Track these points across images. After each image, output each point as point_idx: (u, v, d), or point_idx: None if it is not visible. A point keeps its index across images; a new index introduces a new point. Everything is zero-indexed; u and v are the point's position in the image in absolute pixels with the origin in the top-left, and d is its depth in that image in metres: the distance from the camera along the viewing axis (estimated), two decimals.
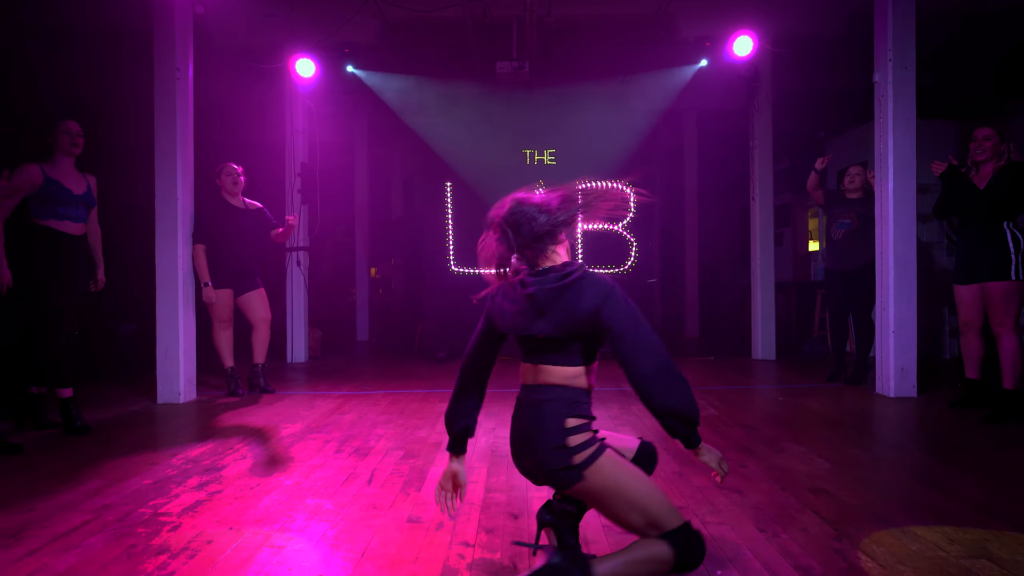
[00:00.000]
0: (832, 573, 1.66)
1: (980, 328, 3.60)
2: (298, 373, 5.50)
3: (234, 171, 4.38)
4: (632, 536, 1.42)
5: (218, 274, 4.29)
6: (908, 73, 3.96)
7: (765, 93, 6.19)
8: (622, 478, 1.41)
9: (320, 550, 1.84)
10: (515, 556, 1.79)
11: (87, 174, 3.40)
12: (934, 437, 3.13)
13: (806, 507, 2.15)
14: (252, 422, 3.53)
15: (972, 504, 2.18)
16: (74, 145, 3.28)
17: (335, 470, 2.62)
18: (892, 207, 3.99)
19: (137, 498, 2.28)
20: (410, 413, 3.74)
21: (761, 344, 6.17)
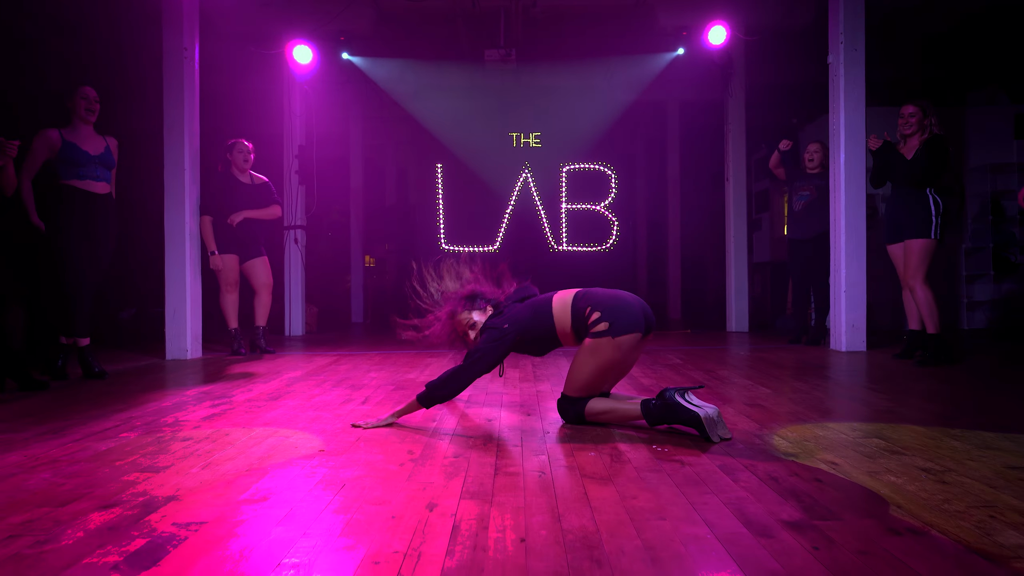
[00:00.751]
0: (749, 450, 2.00)
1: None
2: (296, 343, 5.82)
3: (246, 148, 4.70)
4: None
5: (225, 242, 4.61)
6: (858, 54, 4.32)
7: (739, 80, 6.54)
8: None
9: (322, 437, 2.17)
10: (488, 434, 2.13)
11: (107, 136, 3.70)
12: (869, 375, 3.49)
13: (740, 414, 2.50)
14: (256, 370, 3.85)
15: (880, 410, 2.54)
16: (90, 111, 3.59)
17: (333, 396, 2.95)
18: (844, 177, 4.36)
19: (159, 413, 2.61)
20: (401, 364, 4.08)
21: (735, 317, 6.52)
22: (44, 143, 3.48)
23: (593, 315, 2.21)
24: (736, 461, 1.85)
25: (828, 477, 1.69)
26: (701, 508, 1.47)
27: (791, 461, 1.85)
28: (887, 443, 2.03)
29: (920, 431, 2.19)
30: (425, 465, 1.84)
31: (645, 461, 1.86)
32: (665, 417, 2.15)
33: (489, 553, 1.24)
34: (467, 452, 1.97)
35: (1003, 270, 6.75)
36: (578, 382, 2.25)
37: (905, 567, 1.17)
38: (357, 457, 1.92)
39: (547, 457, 1.91)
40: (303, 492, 1.60)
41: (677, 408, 2.11)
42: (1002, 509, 1.45)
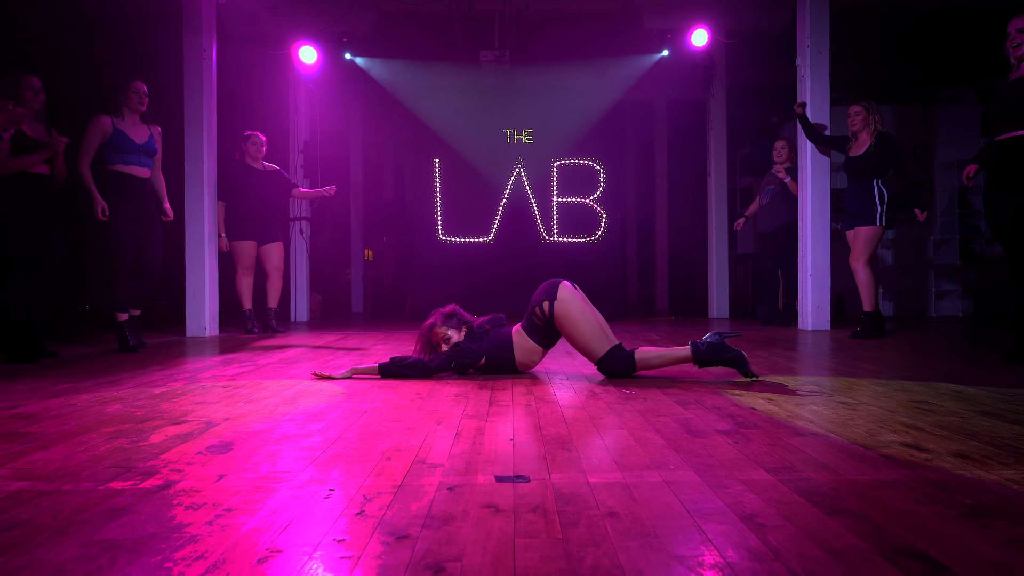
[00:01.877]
0: (704, 394, 2.38)
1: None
2: (302, 326, 6.18)
3: (260, 140, 5.06)
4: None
5: (243, 227, 4.98)
6: (823, 57, 4.71)
7: (720, 81, 6.93)
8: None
9: (342, 385, 2.54)
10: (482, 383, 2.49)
11: (152, 124, 4.04)
12: (826, 346, 3.88)
13: (705, 371, 2.88)
14: (271, 344, 4.21)
15: (824, 368, 2.93)
16: (140, 103, 3.93)
17: (346, 360, 3.32)
18: (810, 170, 4.75)
19: (197, 371, 2.97)
20: (404, 340, 4.45)
21: (716, 304, 6.92)
22: (98, 129, 3.79)
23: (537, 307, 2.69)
24: (691, 397, 2.23)
25: (762, 407, 2.07)
26: (654, 422, 1.85)
27: (736, 398, 2.23)
28: (820, 389, 2.42)
29: (852, 381, 2.58)
30: (431, 400, 2.21)
31: (615, 398, 2.23)
32: (711, 356, 2.54)
33: (485, 446, 1.61)
34: (466, 392, 2.34)
35: (969, 261, 7.17)
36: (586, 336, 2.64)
37: (799, 451, 1.54)
38: (374, 396, 2.29)
39: (533, 397, 2.28)
40: (334, 416, 1.97)
41: (722, 347, 2.54)
42: (891, 423, 1.83)
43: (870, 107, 4.30)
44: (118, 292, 3.87)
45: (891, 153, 4.18)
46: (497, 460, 1.48)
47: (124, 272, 3.85)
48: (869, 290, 4.25)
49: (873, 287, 4.24)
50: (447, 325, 2.79)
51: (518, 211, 7.07)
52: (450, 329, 2.79)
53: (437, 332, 2.78)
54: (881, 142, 4.23)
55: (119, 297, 3.88)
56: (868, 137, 4.30)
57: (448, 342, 2.76)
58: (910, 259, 7.10)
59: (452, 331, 2.79)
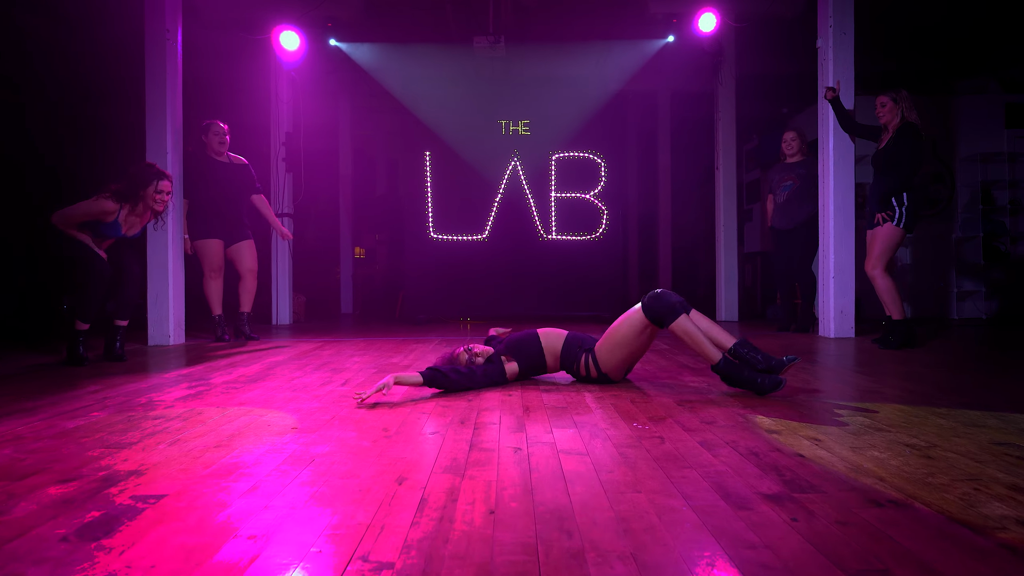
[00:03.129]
0: (731, 424, 1.97)
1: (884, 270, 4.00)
2: (282, 331, 5.76)
3: (221, 130, 4.62)
4: None
5: (209, 226, 4.55)
6: (847, 38, 4.29)
7: (729, 69, 6.50)
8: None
9: (296, 416, 2.12)
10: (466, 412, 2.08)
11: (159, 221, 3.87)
12: (855, 359, 3.47)
13: (725, 395, 2.46)
14: (238, 355, 3.79)
15: (864, 390, 2.51)
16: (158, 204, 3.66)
17: (313, 379, 2.90)
18: (832, 163, 4.32)
19: (133, 394, 2.55)
20: (386, 350, 4.03)
21: (724, 306, 6.50)
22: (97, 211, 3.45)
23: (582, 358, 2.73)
24: (717, 438, 1.81)
25: (810, 452, 1.66)
26: (679, 481, 1.43)
27: (773, 438, 1.81)
28: (871, 420, 2.00)
29: (905, 409, 2.17)
30: (399, 440, 1.79)
31: (625, 438, 1.82)
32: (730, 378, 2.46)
33: (456, 524, 1.19)
34: (443, 430, 1.92)
35: (994, 260, 6.75)
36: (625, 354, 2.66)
37: (886, 537, 1.13)
38: (330, 434, 1.87)
39: (525, 436, 1.87)
40: (270, 467, 1.55)
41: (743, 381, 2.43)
42: (987, 482, 1.42)
43: (898, 96, 3.87)
44: (87, 299, 3.45)
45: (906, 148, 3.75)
46: (469, 554, 1.06)
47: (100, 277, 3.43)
48: (893, 297, 3.82)
49: (896, 293, 3.82)
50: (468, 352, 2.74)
51: (514, 207, 6.65)
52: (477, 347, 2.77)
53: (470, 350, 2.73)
54: (901, 135, 3.79)
55: (87, 305, 3.45)
56: (893, 130, 3.88)
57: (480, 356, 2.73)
58: (930, 258, 6.68)
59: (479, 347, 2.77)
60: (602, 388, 2.63)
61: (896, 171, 3.80)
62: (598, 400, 2.37)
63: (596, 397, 2.43)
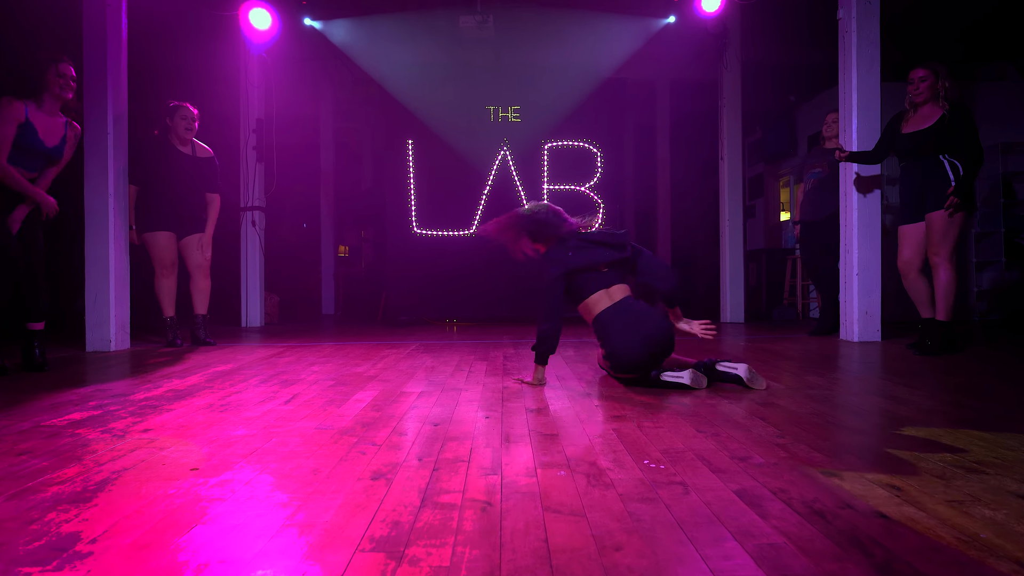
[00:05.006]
0: (772, 461, 1.50)
1: (920, 267, 3.56)
2: (251, 334, 5.27)
3: (190, 114, 4.14)
4: None
5: (160, 217, 4.06)
6: (872, 7, 3.84)
7: (734, 51, 6.05)
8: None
9: (206, 449, 1.64)
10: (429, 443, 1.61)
11: (71, 123, 3.25)
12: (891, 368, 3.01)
13: (753, 416, 2.00)
14: (181, 364, 3.30)
15: (924, 410, 2.05)
16: (65, 89, 3.12)
17: (253, 395, 2.42)
18: (856, 147, 3.87)
19: (18, 416, 2.06)
20: (354, 357, 3.55)
21: (730, 307, 6.06)
22: (11, 116, 2.96)
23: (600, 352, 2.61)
24: (759, 483, 1.34)
25: (895, 510, 1.19)
26: (718, 565, 0.96)
27: (835, 484, 1.34)
28: (955, 456, 1.54)
29: (988, 438, 1.70)
30: (327, 491, 1.31)
31: (634, 484, 1.35)
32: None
33: None
34: (393, 470, 1.45)
35: (1015, 256, 6.33)
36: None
37: None
38: (238, 478, 1.39)
39: (500, 478, 1.39)
40: (127, 540, 1.07)
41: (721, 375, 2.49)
42: None
43: (939, 70, 3.39)
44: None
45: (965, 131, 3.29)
46: None
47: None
48: (949, 295, 3.35)
49: (953, 291, 3.36)
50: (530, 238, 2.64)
51: (504, 200, 6.17)
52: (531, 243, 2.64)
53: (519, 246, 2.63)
54: (958, 116, 3.32)
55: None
56: (936, 108, 3.39)
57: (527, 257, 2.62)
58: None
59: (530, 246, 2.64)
60: (601, 409, 2.16)
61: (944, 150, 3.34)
62: (598, 425, 1.90)
63: (596, 420, 1.96)
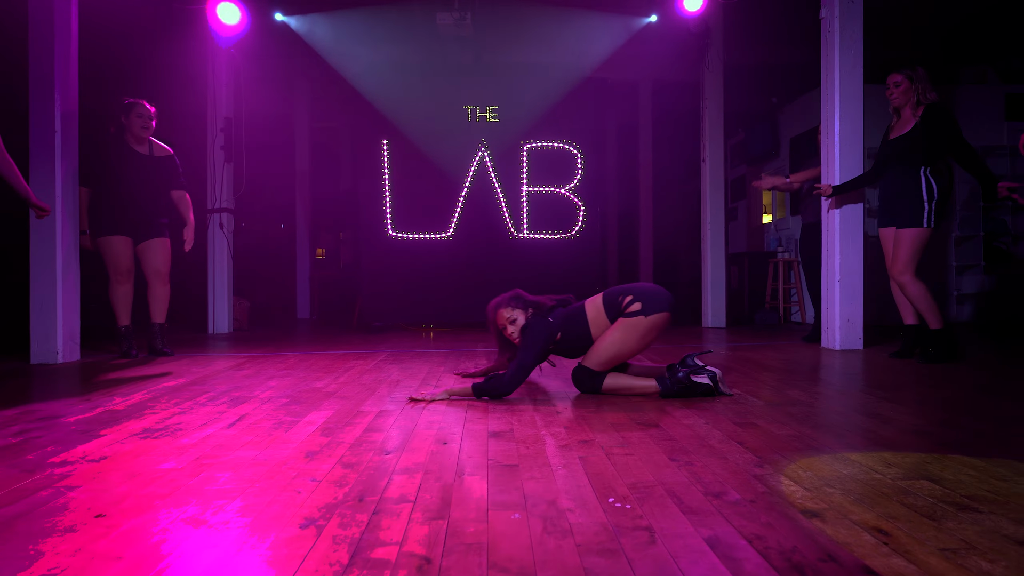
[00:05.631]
0: (749, 497, 1.37)
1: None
2: (216, 342, 5.06)
3: (147, 112, 3.93)
4: None
5: (113, 220, 3.85)
6: (855, 6, 3.74)
7: (716, 51, 5.95)
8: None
9: (105, 501, 1.47)
10: (374, 477, 1.45)
11: None
12: (875, 380, 2.91)
13: (729, 438, 1.87)
14: (129, 379, 3.11)
15: (909, 430, 1.93)
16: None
17: (196, 416, 2.24)
18: (839, 149, 3.78)
19: None
20: (317, 369, 3.37)
21: (711, 311, 5.96)
22: None
23: (626, 299, 2.49)
24: (734, 528, 1.20)
25: (882, 562, 1.06)
26: None
27: (817, 527, 1.21)
28: (944, 489, 1.41)
29: (979, 466, 1.58)
30: (241, 548, 1.15)
31: (595, 530, 1.20)
32: (681, 394, 2.45)
33: None
34: (326, 516, 1.29)
35: (994, 260, 6.31)
36: (603, 356, 2.50)
37: None
38: (142, 528, 1.22)
39: (446, 523, 1.24)
40: None
41: (693, 387, 2.45)
42: None
43: (914, 75, 3.32)
44: None
45: (943, 132, 3.22)
46: None
47: None
48: (929, 304, 3.28)
49: (932, 299, 3.28)
50: (512, 306, 2.57)
51: (482, 202, 6.03)
52: (516, 310, 2.57)
53: (501, 315, 2.57)
54: (931, 118, 3.25)
55: None
56: (912, 113, 3.33)
57: (515, 323, 2.55)
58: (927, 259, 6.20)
59: (518, 312, 2.57)
60: (568, 431, 2.01)
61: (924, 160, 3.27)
62: (563, 451, 1.76)
63: (561, 446, 1.82)
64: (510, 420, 2.14)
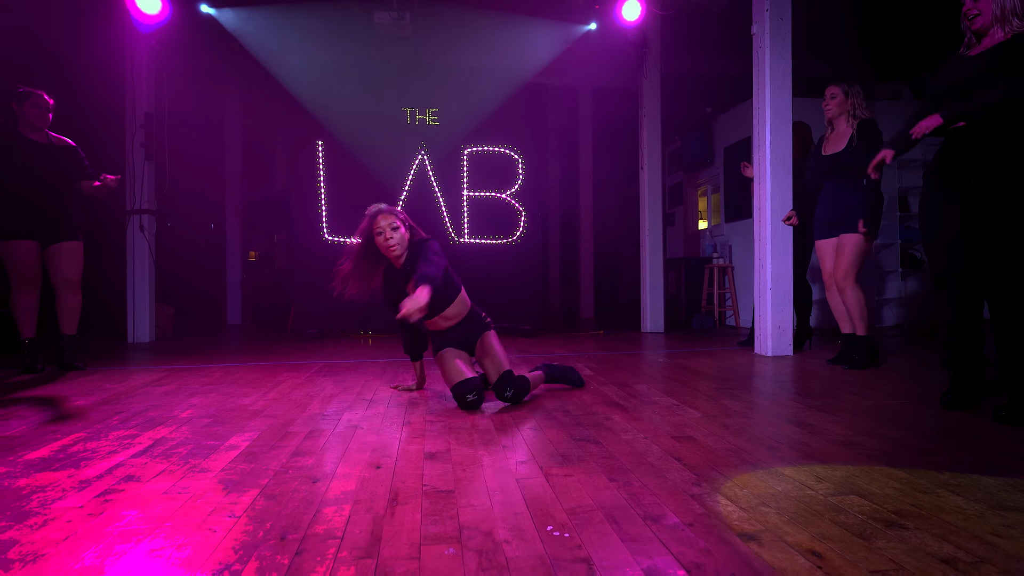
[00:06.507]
0: (686, 520, 1.35)
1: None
2: (136, 353, 4.74)
3: (44, 103, 3.61)
4: None
5: (17, 223, 3.53)
6: (784, 24, 3.88)
7: (654, 61, 6.07)
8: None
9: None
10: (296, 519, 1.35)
11: None
12: (805, 389, 3.00)
13: (668, 454, 1.86)
14: (29, 398, 2.84)
15: (839, 443, 1.99)
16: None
17: (102, 444, 2.05)
18: (769, 161, 3.90)
19: None
20: (243, 383, 3.19)
21: (650, 316, 6.05)
22: None
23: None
24: (672, 556, 1.18)
25: None
26: None
27: (754, 552, 1.20)
28: (872, 505, 1.45)
29: (903, 478, 1.63)
30: None
31: (532, 565, 1.15)
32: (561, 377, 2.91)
33: None
34: (243, 559, 1.18)
35: (910, 266, 6.70)
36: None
37: None
38: None
39: (375, 563, 1.16)
40: None
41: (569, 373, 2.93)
42: None
43: (849, 89, 3.46)
44: None
45: (875, 146, 3.37)
46: None
47: None
48: (863, 311, 3.42)
49: (866, 307, 3.43)
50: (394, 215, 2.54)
51: (422, 206, 5.91)
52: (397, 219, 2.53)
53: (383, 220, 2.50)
54: (864, 132, 3.40)
55: None
56: (847, 126, 3.47)
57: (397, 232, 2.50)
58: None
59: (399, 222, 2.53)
60: (507, 450, 1.96)
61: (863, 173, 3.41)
62: (500, 474, 1.70)
63: (499, 467, 1.76)
64: (448, 440, 2.07)
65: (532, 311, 6.20)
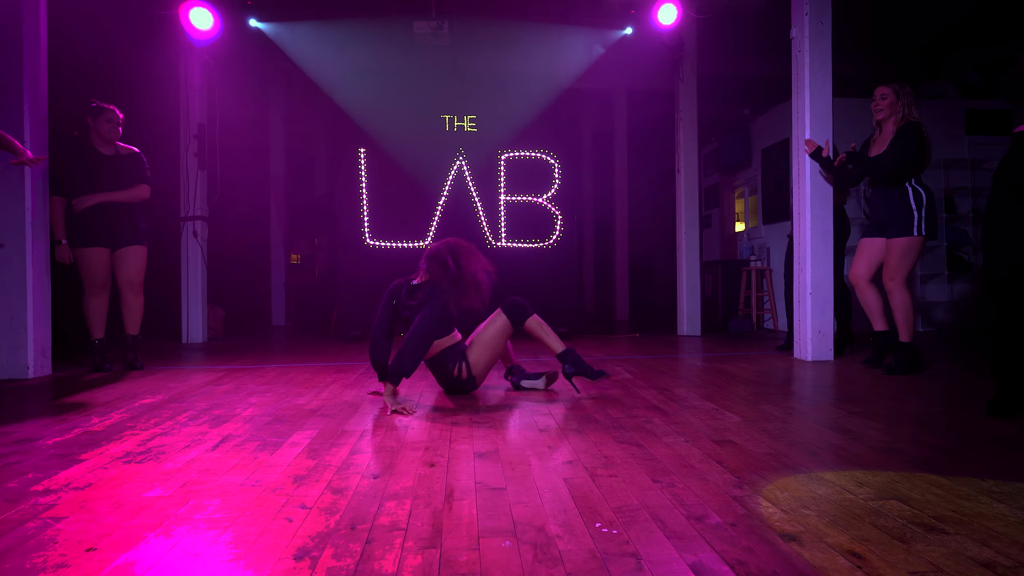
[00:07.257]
0: (729, 520, 1.42)
1: (870, 279, 3.62)
2: (191, 352, 4.98)
3: (116, 117, 3.86)
4: None
5: (91, 231, 3.77)
6: (824, 27, 3.87)
7: (690, 65, 6.07)
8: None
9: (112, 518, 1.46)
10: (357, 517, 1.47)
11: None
12: (846, 394, 3.01)
13: (709, 457, 1.93)
14: (105, 396, 3.05)
15: (879, 448, 2.02)
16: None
17: (179, 437, 2.22)
18: (809, 164, 3.89)
19: None
20: (296, 383, 3.36)
21: (687, 320, 6.06)
22: None
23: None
24: (716, 553, 1.25)
25: None
26: None
27: (794, 551, 1.27)
28: (912, 510, 1.49)
29: (945, 485, 1.67)
30: None
31: (584, 558, 1.24)
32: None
33: None
34: (319, 546, 1.30)
35: (957, 270, 6.55)
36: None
37: None
38: (135, 561, 1.23)
39: (439, 553, 1.27)
40: None
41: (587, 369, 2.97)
42: None
43: (900, 90, 3.42)
44: None
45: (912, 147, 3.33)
46: None
47: None
48: (908, 316, 3.38)
49: (912, 311, 3.39)
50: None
51: (459, 211, 6.04)
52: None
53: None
54: (901, 133, 3.37)
55: None
56: (894, 129, 3.44)
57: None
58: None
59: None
60: (552, 450, 2.05)
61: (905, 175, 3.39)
62: (548, 473, 1.79)
63: (547, 467, 1.85)
64: (495, 440, 2.17)
65: (568, 314, 6.27)
